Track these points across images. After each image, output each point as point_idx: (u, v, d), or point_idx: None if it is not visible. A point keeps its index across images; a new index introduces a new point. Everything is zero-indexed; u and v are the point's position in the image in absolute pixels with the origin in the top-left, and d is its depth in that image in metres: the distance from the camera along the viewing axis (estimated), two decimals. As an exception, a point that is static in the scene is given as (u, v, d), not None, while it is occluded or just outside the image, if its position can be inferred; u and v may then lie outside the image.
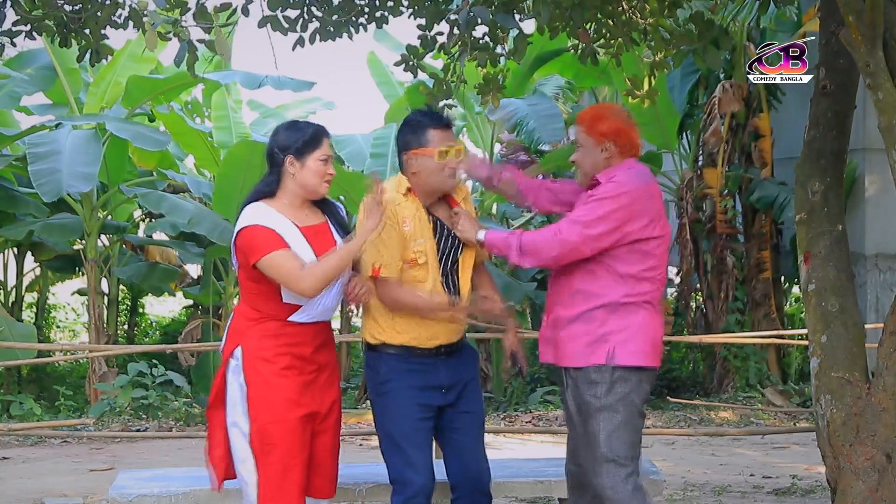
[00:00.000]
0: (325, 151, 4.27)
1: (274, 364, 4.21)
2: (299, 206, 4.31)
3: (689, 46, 5.84)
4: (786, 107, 12.84)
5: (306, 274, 4.13)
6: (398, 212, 4.37)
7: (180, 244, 14.30)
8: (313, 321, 4.28)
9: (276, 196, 4.30)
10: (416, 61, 6.13)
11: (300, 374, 4.25)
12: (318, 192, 4.31)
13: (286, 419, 4.19)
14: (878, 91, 4.54)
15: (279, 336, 4.24)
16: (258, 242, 4.18)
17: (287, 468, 4.19)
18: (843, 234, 5.14)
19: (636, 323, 4.32)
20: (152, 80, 13.16)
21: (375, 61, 15.77)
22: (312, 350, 4.29)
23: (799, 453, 9.41)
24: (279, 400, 4.19)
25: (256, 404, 4.20)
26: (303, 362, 4.26)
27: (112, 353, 12.55)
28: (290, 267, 4.14)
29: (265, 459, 4.20)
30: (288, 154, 4.25)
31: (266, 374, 4.20)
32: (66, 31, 5.31)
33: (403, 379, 4.42)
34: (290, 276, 4.15)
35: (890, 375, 4.74)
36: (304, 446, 4.23)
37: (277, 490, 4.19)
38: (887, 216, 12.08)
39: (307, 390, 4.25)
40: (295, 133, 4.28)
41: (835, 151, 5.18)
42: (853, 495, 4.67)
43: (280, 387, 4.20)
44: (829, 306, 5.01)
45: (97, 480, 8.06)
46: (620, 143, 4.45)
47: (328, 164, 4.29)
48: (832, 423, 4.86)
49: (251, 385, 4.21)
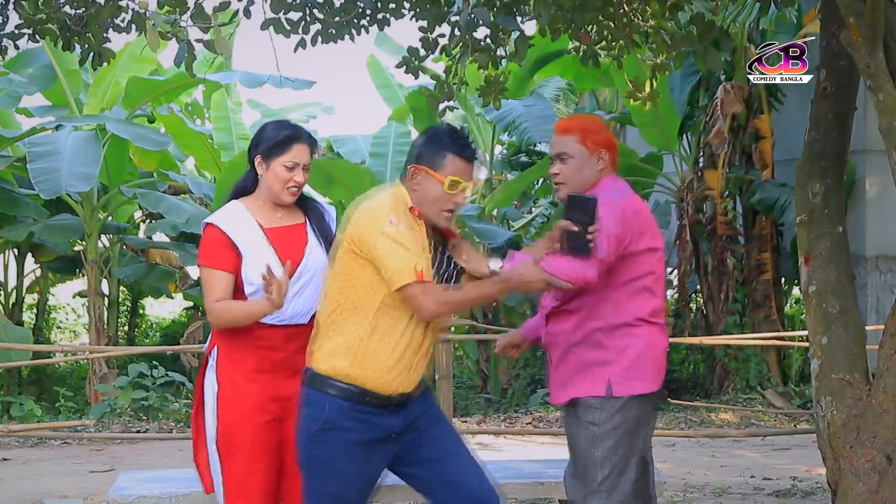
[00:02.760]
0: (292, 157, 4.15)
1: (242, 366, 4.15)
2: (273, 207, 4.24)
3: (690, 48, 5.85)
4: (786, 108, 12.85)
5: (215, 308, 4.10)
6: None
7: (181, 246, 14.31)
8: (283, 324, 4.17)
9: (254, 194, 4.26)
10: (418, 63, 6.14)
11: (273, 379, 4.15)
12: (280, 199, 4.19)
13: (251, 422, 4.12)
14: (878, 93, 4.54)
15: (249, 338, 4.16)
16: (206, 249, 4.16)
17: (250, 472, 4.12)
18: (844, 235, 5.14)
19: (637, 346, 4.10)
20: (152, 81, 13.18)
21: (375, 65, 15.78)
22: (287, 354, 4.18)
23: (799, 455, 9.41)
24: (245, 403, 4.13)
25: (224, 405, 4.15)
26: (275, 366, 4.17)
27: (112, 355, 12.55)
28: (211, 291, 4.11)
29: (229, 461, 4.14)
30: (257, 153, 4.21)
31: (235, 376, 4.15)
32: (68, 34, 5.32)
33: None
34: (206, 301, 4.15)
35: (890, 377, 4.75)
36: (269, 451, 4.15)
37: (239, 493, 4.12)
38: (888, 218, 12.09)
39: (279, 395, 4.15)
40: (270, 132, 4.21)
41: (835, 153, 5.18)
42: (853, 497, 4.67)
43: (247, 390, 4.13)
44: (830, 308, 5.02)
45: (97, 482, 8.06)
46: (612, 154, 4.24)
47: (295, 171, 4.15)
48: (832, 425, 4.86)
49: (221, 386, 4.16)
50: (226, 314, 4.12)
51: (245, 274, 4.13)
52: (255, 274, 4.09)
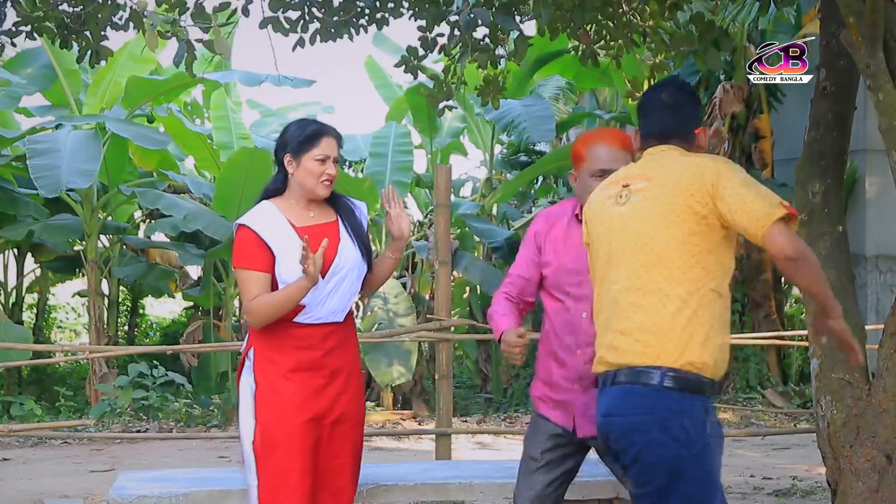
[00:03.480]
0: (323, 151, 4.18)
1: (280, 366, 4.16)
2: (305, 206, 4.26)
3: (690, 48, 5.85)
4: (786, 108, 12.86)
5: (253, 306, 4.12)
6: None
7: (180, 245, 14.31)
8: (320, 322, 4.20)
9: (284, 194, 4.29)
10: (417, 62, 6.14)
11: (310, 378, 4.16)
12: (315, 193, 4.22)
13: (288, 422, 4.12)
14: (878, 92, 4.54)
15: (285, 337, 4.18)
16: (239, 251, 4.18)
17: (286, 472, 4.11)
18: (844, 235, 5.14)
19: None
20: (152, 80, 13.18)
21: (374, 65, 15.79)
22: (323, 353, 4.19)
23: (799, 454, 9.41)
24: (283, 403, 4.13)
25: (261, 405, 4.15)
26: (312, 365, 4.17)
27: (112, 354, 12.55)
28: (247, 292, 4.14)
29: (265, 462, 4.14)
30: (286, 152, 4.23)
31: (272, 376, 4.16)
32: (66, 32, 5.32)
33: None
34: (244, 300, 4.17)
35: (890, 377, 4.74)
36: (306, 452, 4.14)
37: (275, 493, 4.12)
38: (888, 217, 12.10)
39: (316, 395, 4.16)
40: (296, 131, 4.24)
41: (835, 152, 5.18)
42: (853, 496, 4.67)
43: (284, 390, 4.14)
44: (830, 307, 5.01)
45: (97, 481, 8.06)
46: None
47: (326, 164, 4.18)
48: (832, 425, 4.86)
49: (259, 386, 4.17)
50: (266, 308, 4.12)
51: (279, 273, 4.14)
52: (289, 273, 4.11)
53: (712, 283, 3.44)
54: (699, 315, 3.41)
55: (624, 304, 3.43)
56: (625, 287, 3.43)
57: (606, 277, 3.51)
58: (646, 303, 3.39)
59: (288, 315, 4.16)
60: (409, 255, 13.99)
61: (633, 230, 3.44)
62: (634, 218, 3.45)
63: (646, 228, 3.42)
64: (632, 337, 3.40)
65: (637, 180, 3.50)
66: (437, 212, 7.24)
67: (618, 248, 3.47)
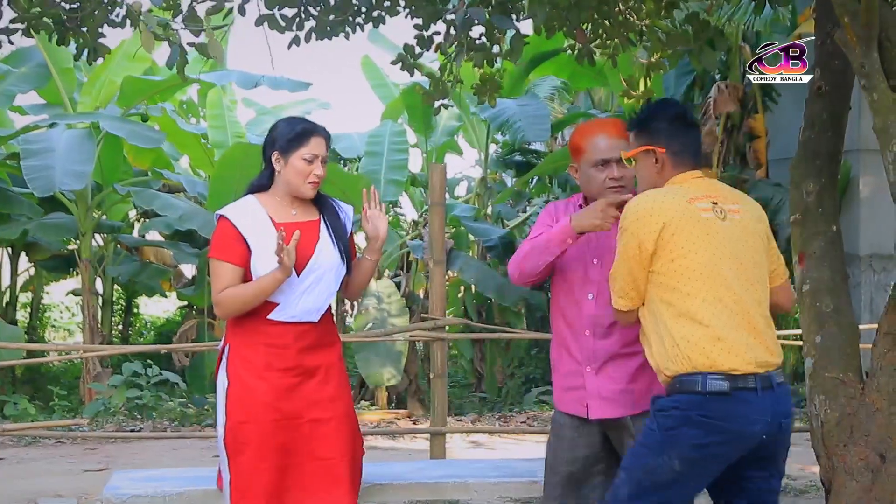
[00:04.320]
0: (311, 150, 4.18)
1: (252, 363, 4.16)
2: (289, 203, 4.26)
3: (685, 47, 5.85)
4: (781, 108, 12.87)
5: (222, 298, 4.12)
6: None
7: (175, 244, 14.30)
8: (294, 321, 4.19)
9: (270, 191, 4.29)
10: (413, 60, 6.14)
11: (282, 377, 4.15)
12: (301, 193, 4.22)
13: (259, 421, 4.12)
14: (872, 92, 4.54)
15: (258, 335, 4.18)
16: (216, 241, 4.19)
17: (257, 470, 4.12)
18: (838, 234, 5.15)
19: None
20: (147, 80, 13.17)
21: (370, 64, 15.79)
22: (296, 352, 4.19)
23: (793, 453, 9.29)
24: (254, 401, 4.13)
25: (233, 402, 4.16)
26: (285, 364, 4.17)
27: (106, 354, 12.54)
28: (218, 282, 4.14)
29: (236, 459, 4.14)
30: (274, 150, 4.23)
31: (244, 373, 4.16)
32: (63, 29, 5.31)
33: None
34: (213, 292, 4.17)
35: (884, 376, 4.75)
36: (276, 450, 4.14)
37: (245, 491, 4.12)
38: (881, 217, 12.11)
39: (288, 394, 4.16)
40: (285, 128, 4.24)
41: (829, 152, 5.18)
42: (847, 495, 4.67)
43: (255, 388, 4.13)
44: (824, 307, 5.02)
45: (91, 481, 8.05)
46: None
47: (314, 164, 4.19)
48: (826, 424, 4.87)
49: (231, 384, 4.17)
50: (233, 300, 4.13)
51: (254, 267, 4.15)
52: (265, 268, 4.11)
53: None
54: None
55: (754, 311, 3.74)
56: (748, 294, 3.75)
57: (721, 283, 3.72)
58: (763, 311, 3.80)
59: (262, 312, 4.16)
60: (403, 255, 14.00)
61: (740, 246, 3.78)
62: (737, 235, 3.79)
63: (747, 248, 3.80)
64: (772, 340, 3.78)
65: (726, 202, 3.83)
66: (432, 211, 7.24)
67: (726, 257, 3.74)
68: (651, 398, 3.80)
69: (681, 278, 3.68)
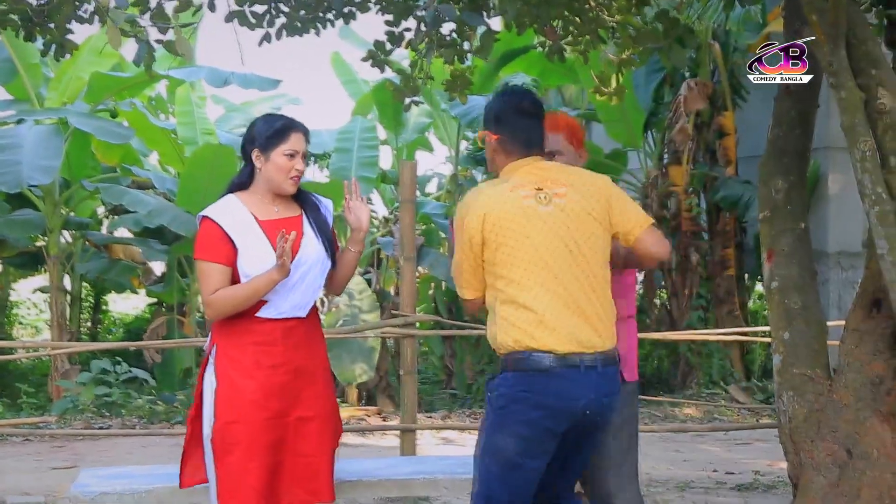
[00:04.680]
0: (291, 146, 4.19)
1: (241, 363, 4.15)
2: (271, 200, 4.26)
3: (655, 44, 5.87)
4: (750, 105, 12.93)
5: (214, 299, 4.12)
6: None
7: (144, 241, 14.21)
8: (282, 317, 4.19)
9: (250, 189, 4.28)
10: (384, 57, 6.13)
11: (272, 375, 4.14)
12: (283, 189, 4.23)
13: (249, 420, 4.11)
14: (840, 90, 4.58)
15: (246, 333, 4.17)
16: (201, 243, 4.18)
17: (246, 470, 4.10)
18: (806, 231, 5.18)
19: (632, 336, 4.27)
20: (115, 76, 13.08)
21: (340, 61, 15.75)
22: (285, 349, 4.18)
23: (761, 449, 9.47)
24: (243, 400, 4.11)
25: (222, 402, 4.14)
26: (273, 361, 4.16)
27: (75, 351, 12.45)
28: (207, 284, 4.13)
29: (224, 459, 4.12)
30: (254, 147, 4.22)
31: (233, 373, 4.14)
32: (30, 24, 5.27)
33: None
34: (203, 294, 4.16)
35: (851, 372, 4.79)
36: (266, 449, 4.13)
37: (234, 492, 4.10)
38: (849, 214, 12.19)
39: (278, 392, 4.15)
40: (264, 126, 4.24)
41: (798, 150, 5.21)
42: (814, 490, 4.71)
43: (245, 388, 4.12)
44: (792, 303, 5.05)
45: (59, 478, 8.00)
46: (585, 153, 4.43)
47: (295, 159, 4.19)
48: (794, 419, 4.90)
49: (220, 384, 4.16)
50: (226, 302, 4.12)
51: (241, 267, 4.14)
52: (251, 266, 4.12)
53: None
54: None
55: (580, 294, 3.82)
56: (574, 277, 3.83)
57: (544, 268, 3.82)
58: (592, 293, 3.84)
59: (250, 310, 4.15)
60: (374, 252, 13.98)
61: (564, 231, 3.85)
62: (561, 220, 3.85)
63: (573, 231, 3.85)
64: (602, 323, 3.85)
65: (553, 187, 3.91)
66: (403, 207, 7.23)
67: (550, 243, 3.83)
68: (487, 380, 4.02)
69: (505, 266, 3.84)
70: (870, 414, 4.67)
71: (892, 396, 4.65)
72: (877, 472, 4.58)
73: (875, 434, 4.64)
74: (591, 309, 3.82)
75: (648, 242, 3.92)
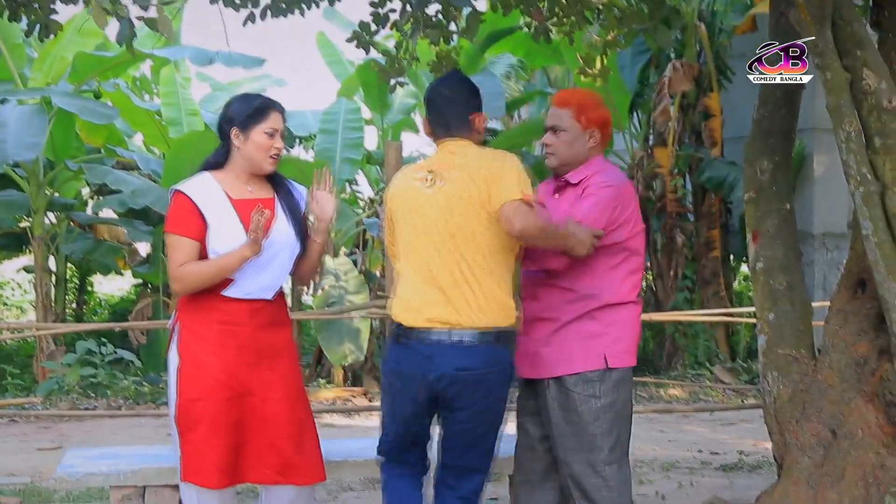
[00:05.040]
0: (270, 125, 4.19)
1: (206, 340, 4.14)
2: (245, 180, 4.25)
3: (641, 25, 5.86)
4: (735, 86, 12.94)
5: (182, 273, 4.11)
6: None
7: (129, 222, 14.16)
8: (248, 298, 4.18)
9: (225, 168, 4.27)
10: (369, 38, 6.11)
11: (236, 355, 4.14)
12: (262, 168, 4.22)
13: (211, 398, 4.11)
14: (826, 71, 4.58)
15: (212, 311, 4.16)
16: (172, 216, 4.17)
17: (208, 447, 4.11)
18: (791, 212, 5.19)
19: (624, 321, 4.25)
20: (99, 55, 13.01)
21: (325, 41, 15.69)
22: (250, 330, 4.18)
23: (746, 429, 9.51)
24: (206, 379, 4.11)
25: (185, 380, 4.14)
26: (239, 342, 4.16)
27: (60, 332, 12.44)
28: (175, 258, 4.13)
29: (187, 437, 4.13)
30: (233, 126, 4.21)
31: (197, 349, 4.14)
32: (14, 4, 5.24)
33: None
34: (170, 267, 4.15)
35: (836, 352, 4.80)
36: (229, 428, 4.13)
37: (197, 468, 4.12)
38: (835, 195, 12.22)
39: (241, 372, 4.15)
40: (242, 105, 4.23)
41: (783, 131, 5.22)
42: (799, 470, 4.72)
43: (209, 365, 4.12)
44: (777, 284, 5.06)
45: (45, 459, 8.00)
46: (605, 133, 4.37)
47: (274, 138, 4.19)
48: (779, 400, 4.92)
49: (182, 361, 4.16)
50: (194, 277, 4.11)
51: (210, 244, 4.13)
52: (221, 244, 4.11)
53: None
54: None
55: (445, 275, 4.01)
56: (443, 259, 4.01)
57: (414, 249, 4.08)
58: (460, 274, 4.00)
59: (216, 289, 4.14)
60: (359, 233, 13.96)
61: (441, 213, 4.01)
62: (441, 203, 4.01)
63: (452, 213, 4.00)
64: (466, 303, 4.01)
65: (447, 169, 4.05)
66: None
67: (426, 225, 4.04)
68: None
69: (398, 244, 4.16)
70: (854, 394, 4.69)
71: (876, 377, 4.67)
72: (861, 452, 4.60)
73: (859, 414, 4.65)
74: (458, 291, 3.98)
75: (504, 215, 3.91)
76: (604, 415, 4.21)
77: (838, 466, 4.63)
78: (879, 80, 4.56)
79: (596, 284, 4.20)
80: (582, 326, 4.21)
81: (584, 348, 4.20)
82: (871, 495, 4.54)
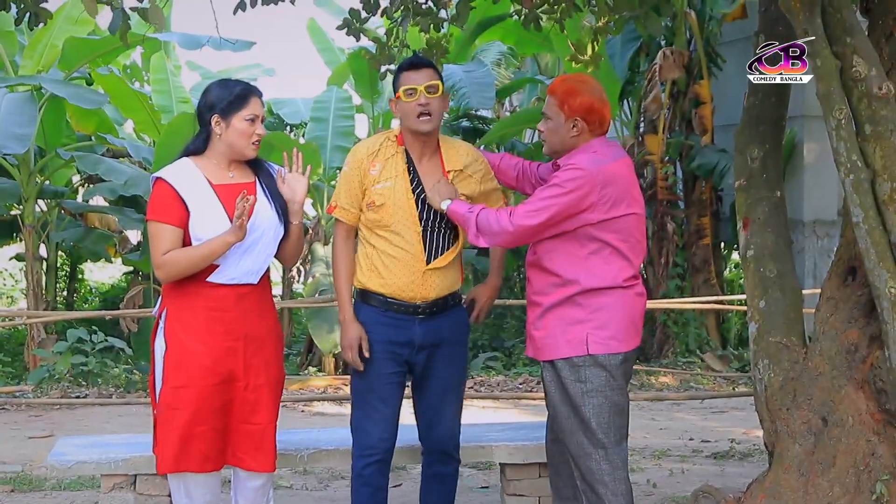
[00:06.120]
0: (251, 111, 4.19)
1: (192, 326, 4.15)
2: (226, 166, 4.26)
3: (631, 12, 5.85)
4: (726, 74, 12.93)
5: (166, 260, 4.11)
6: (371, 157, 4.43)
7: (119, 210, 14.14)
8: (234, 283, 4.20)
9: (205, 154, 4.26)
10: (359, 25, 6.09)
11: (222, 341, 4.16)
12: (244, 154, 4.24)
13: (197, 385, 4.13)
14: (816, 58, 4.57)
15: (197, 298, 4.17)
16: (154, 204, 4.18)
17: (192, 435, 4.13)
18: (782, 200, 5.19)
19: (611, 307, 4.26)
20: (90, 42, 12.95)
21: (316, 28, 15.66)
22: (236, 315, 4.20)
23: (737, 417, 9.53)
24: (192, 365, 4.13)
25: (171, 367, 4.15)
26: (225, 328, 4.18)
27: (51, 320, 12.42)
28: (158, 245, 4.13)
29: (171, 423, 4.14)
30: (214, 113, 4.20)
31: (183, 336, 4.15)
32: (4, -8, 5.21)
33: (377, 332, 4.49)
34: (154, 255, 4.16)
35: (826, 340, 4.81)
36: (214, 413, 4.16)
37: (178, 455, 4.13)
38: (825, 183, 12.23)
39: (227, 357, 4.17)
40: (222, 91, 4.22)
41: (774, 118, 5.21)
42: (790, 458, 4.73)
43: (196, 352, 4.13)
44: (768, 272, 5.06)
45: (36, 448, 8.00)
46: (591, 120, 4.38)
47: (255, 124, 4.21)
48: (770, 388, 4.92)
49: (169, 347, 4.16)
50: (178, 264, 4.11)
51: (193, 230, 4.13)
52: (203, 230, 4.10)
53: None
54: None
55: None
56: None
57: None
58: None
59: (201, 275, 4.15)
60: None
61: None
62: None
63: None
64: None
65: None
66: (379, 176, 7.20)
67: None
68: None
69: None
70: (845, 382, 4.70)
71: (866, 364, 4.68)
72: (852, 440, 4.61)
73: (850, 402, 4.66)
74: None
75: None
76: (591, 399, 4.24)
77: (829, 454, 4.64)
78: (869, 68, 4.56)
79: (576, 269, 4.23)
80: (565, 311, 4.26)
81: (567, 334, 4.25)
82: (862, 482, 4.56)
